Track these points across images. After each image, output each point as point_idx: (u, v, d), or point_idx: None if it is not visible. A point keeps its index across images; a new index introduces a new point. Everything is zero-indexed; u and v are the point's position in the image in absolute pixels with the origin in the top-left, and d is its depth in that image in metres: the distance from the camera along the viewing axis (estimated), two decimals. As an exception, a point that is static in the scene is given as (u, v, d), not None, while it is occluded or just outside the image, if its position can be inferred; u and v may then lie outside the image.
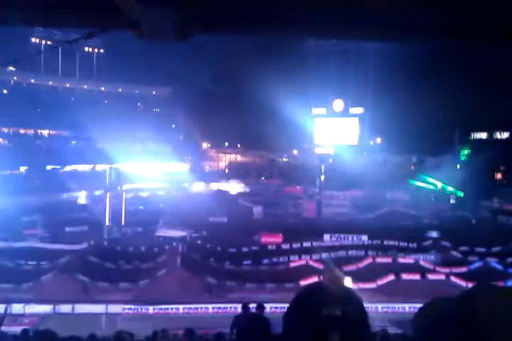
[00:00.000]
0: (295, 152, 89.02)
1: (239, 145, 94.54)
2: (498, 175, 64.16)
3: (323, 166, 59.60)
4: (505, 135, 71.74)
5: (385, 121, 68.86)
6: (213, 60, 78.03)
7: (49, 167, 65.42)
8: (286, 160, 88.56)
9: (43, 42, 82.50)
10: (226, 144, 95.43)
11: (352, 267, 36.67)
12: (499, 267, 37.85)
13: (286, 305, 2.59)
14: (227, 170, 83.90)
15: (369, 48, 69.56)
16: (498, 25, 2.04)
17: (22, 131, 79.82)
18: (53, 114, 75.01)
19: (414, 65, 67.67)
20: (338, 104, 72.86)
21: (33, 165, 63.03)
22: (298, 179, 67.21)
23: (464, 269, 37.77)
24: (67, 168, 66.96)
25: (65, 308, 29.40)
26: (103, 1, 1.84)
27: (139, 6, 1.73)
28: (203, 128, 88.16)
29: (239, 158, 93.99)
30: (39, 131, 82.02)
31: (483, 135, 73.63)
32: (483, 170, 58.23)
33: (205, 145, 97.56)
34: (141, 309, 30.53)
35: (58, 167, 65.54)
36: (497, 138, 71.71)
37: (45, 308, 29.00)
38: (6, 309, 24.79)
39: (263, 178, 75.90)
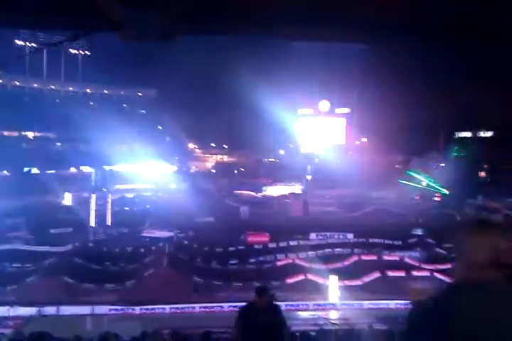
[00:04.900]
0: (282, 152, 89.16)
1: (225, 146, 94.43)
2: (482, 173, 64.92)
3: (309, 166, 59.81)
4: (489, 134, 72.75)
5: (371, 121, 69.38)
6: (199, 60, 77.76)
7: (34, 169, 64.80)
8: (273, 160, 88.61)
9: (28, 44, 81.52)
10: (213, 145, 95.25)
11: (338, 265, 37.07)
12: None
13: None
14: (213, 171, 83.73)
15: (355, 49, 70.15)
16: (490, 28, 2.08)
17: (6, 134, 78.90)
18: (38, 116, 74.20)
19: (400, 66, 68.18)
20: (324, 105, 73.33)
21: (17, 167, 62.37)
22: (285, 178, 67.28)
23: (448, 266, 38.12)
24: (53, 170, 66.27)
25: (50, 310, 29.19)
26: (87, 4, 1.85)
27: (122, 7, 1.76)
28: (189, 129, 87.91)
29: (225, 158, 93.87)
30: (23, 133, 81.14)
31: (468, 134, 74.61)
32: (467, 169, 58.94)
33: (191, 146, 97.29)
34: (128, 309, 30.41)
35: (43, 169, 64.86)
36: (481, 137, 72.68)
37: (30, 310, 28.77)
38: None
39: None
